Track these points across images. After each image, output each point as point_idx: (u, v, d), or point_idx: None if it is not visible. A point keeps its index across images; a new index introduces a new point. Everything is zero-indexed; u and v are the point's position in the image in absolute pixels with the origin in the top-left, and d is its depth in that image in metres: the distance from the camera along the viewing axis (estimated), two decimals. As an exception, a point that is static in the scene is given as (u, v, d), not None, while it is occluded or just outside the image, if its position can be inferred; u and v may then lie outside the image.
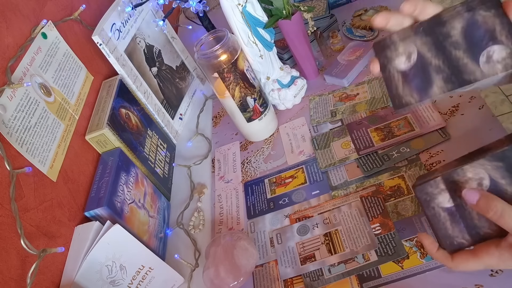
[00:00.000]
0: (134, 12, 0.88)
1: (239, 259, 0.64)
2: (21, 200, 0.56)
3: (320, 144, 0.78)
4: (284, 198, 0.74)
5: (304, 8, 0.83)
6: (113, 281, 0.61)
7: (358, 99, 0.83)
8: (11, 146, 0.57)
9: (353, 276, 0.59)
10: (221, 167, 0.86)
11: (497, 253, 0.40)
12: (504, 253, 0.39)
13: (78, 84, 0.77)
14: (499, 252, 0.40)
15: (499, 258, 0.40)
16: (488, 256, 0.41)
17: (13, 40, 0.64)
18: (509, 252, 0.39)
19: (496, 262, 0.40)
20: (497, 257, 0.40)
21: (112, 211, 0.63)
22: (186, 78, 1.03)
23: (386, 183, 0.67)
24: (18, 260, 0.53)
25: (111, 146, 0.75)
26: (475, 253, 0.42)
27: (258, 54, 0.82)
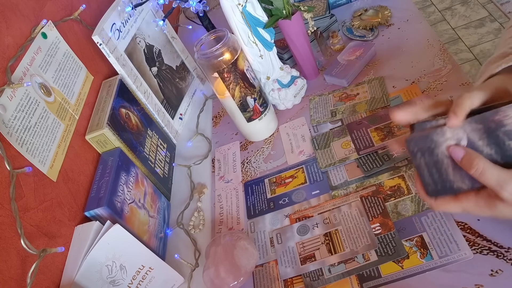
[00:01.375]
0: (134, 12, 0.88)
1: (239, 259, 0.64)
2: (21, 200, 0.56)
3: (320, 144, 0.78)
4: (284, 198, 0.74)
5: (304, 8, 0.83)
6: (113, 281, 0.61)
7: (358, 99, 0.83)
8: (11, 146, 0.57)
9: (353, 276, 0.59)
10: (221, 167, 0.86)
11: (474, 199, 0.43)
12: (480, 200, 0.43)
13: (78, 84, 0.77)
14: (476, 198, 0.43)
15: (475, 204, 0.43)
16: (467, 200, 0.44)
17: (13, 40, 0.64)
18: (485, 200, 0.42)
19: (472, 207, 0.44)
20: (474, 202, 0.43)
21: (112, 211, 0.63)
22: (186, 78, 1.03)
23: (386, 183, 0.67)
24: (18, 260, 0.53)
25: (111, 146, 0.75)
26: (456, 197, 0.45)
27: (258, 54, 0.82)
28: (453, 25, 2.30)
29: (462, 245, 0.55)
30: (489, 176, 0.41)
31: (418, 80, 0.80)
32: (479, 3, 2.36)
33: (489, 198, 0.42)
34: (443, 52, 0.83)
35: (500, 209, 0.41)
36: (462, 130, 0.43)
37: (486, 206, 0.42)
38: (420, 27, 0.92)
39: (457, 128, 0.43)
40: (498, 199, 0.41)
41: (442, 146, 0.44)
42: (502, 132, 0.41)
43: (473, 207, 0.44)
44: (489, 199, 0.42)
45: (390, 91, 0.81)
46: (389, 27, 0.95)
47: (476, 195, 0.43)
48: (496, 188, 0.40)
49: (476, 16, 2.29)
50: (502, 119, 0.41)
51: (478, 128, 0.43)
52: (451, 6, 2.42)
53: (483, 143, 0.43)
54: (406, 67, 0.84)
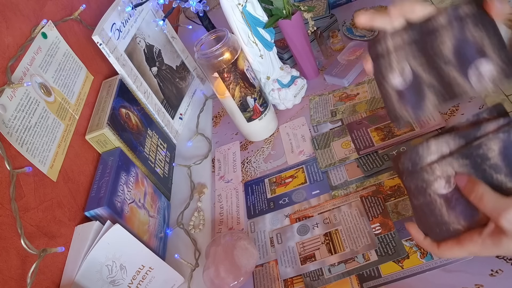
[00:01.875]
0: (134, 12, 0.88)
1: (239, 259, 0.64)
2: (21, 200, 0.56)
3: (320, 144, 0.78)
4: (284, 198, 0.74)
5: (304, 8, 0.84)
6: (113, 281, 0.61)
7: (358, 99, 0.83)
8: (11, 146, 0.57)
9: (353, 276, 0.59)
10: (221, 167, 0.86)
11: (480, 241, 0.41)
12: (486, 240, 0.41)
13: (78, 84, 0.77)
14: (481, 239, 0.41)
15: (482, 246, 0.41)
16: (472, 243, 0.42)
17: (13, 40, 0.64)
18: (491, 239, 0.40)
19: (479, 250, 0.42)
20: (480, 244, 0.41)
21: (112, 211, 0.63)
22: (186, 78, 1.03)
23: (386, 183, 0.67)
24: (18, 260, 0.53)
25: (111, 146, 0.75)
26: (460, 241, 0.43)
27: (258, 54, 0.82)
28: (453, 25, 2.30)
29: (462, 245, 0.55)
30: (487, 201, 0.40)
31: (418, 80, 0.80)
32: (479, 3, 2.36)
33: (493, 235, 0.40)
34: (443, 52, 0.83)
35: (506, 244, 0.39)
36: (451, 167, 0.42)
37: (493, 245, 0.40)
38: (420, 27, 0.91)
39: (446, 165, 0.43)
40: (502, 234, 0.39)
41: (434, 185, 0.43)
42: (488, 166, 0.41)
43: (479, 249, 0.42)
44: (493, 237, 0.40)
45: (390, 91, 0.81)
46: (389, 27, 0.95)
47: (479, 235, 0.41)
48: (493, 215, 0.39)
49: (476, 16, 2.29)
50: (486, 152, 0.41)
51: (465, 164, 0.42)
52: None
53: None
54: (406, 67, 0.84)
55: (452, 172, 0.42)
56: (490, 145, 0.41)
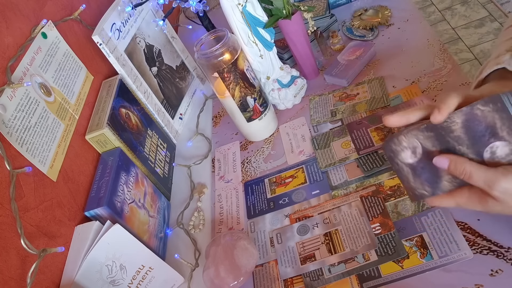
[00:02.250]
0: (134, 12, 0.88)
1: (239, 259, 0.64)
2: (21, 200, 0.56)
3: (320, 144, 0.78)
4: (284, 198, 0.74)
5: (304, 8, 0.83)
6: (113, 281, 0.61)
7: (358, 99, 0.83)
8: (11, 146, 0.57)
9: (353, 276, 0.59)
10: (221, 167, 0.86)
11: (467, 194, 0.45)
12: (473, 196, 0.44)
13: (78, 84, 0.77)
14: (469, 193, 0.44)
15: (468, 199, 0.45)
16: (460, 195, 0.45)
17: (13, 40, 0.64)
18: (477, 196, 0.44)
19: (465, 202, 0.45)
20: (467, 197, 0.45)
21: (112, 211, 0.63)
22: (186, 78, 1.03)
23: (386, 183, 0.67)
24: (18, 260, 0.53)
25: (111, 146, 0.75)
26: (450, 192, 0.46)
27: (258, 54, 0.82)
28: (453, 25, 2.30)
29: (462, 245, 0.55)
30: (477, 178, 0.42)
31: (418, 80, 0.80)
32: (479, 3, 2.36)
33: (482, 194, 0.43)
34: (443, 52, 0.83)
35: (492, 205, 0.43)
36: (415, 139, 0.45)
37: (479, 202, 0.44)
38: (420, 27, 0.92)
39: (411, 137, 0.45)
40: (489, 196, 0.42)
41: (400, 155, 0.46)
42: (451, 137, 0.43)
43: (466, 202, 0.45)
44: (481, 195, 0.43)
45: (390, 91, 0.81)
46: (389, 27, 0.95)
47: (469, 190, 0.44)
48: (486, 189, 0.42)
49: (476, 16, 2.29)
50: (450, 125, 0.43)
51: (430, 136, 0.45)
52: (451, 6, 2.42)
53: (436, 149, 0.45)
54: (406, 67, 0.84)
55: (417, 144, 0.45)
56: (453, 118, 0.42)
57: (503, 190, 0.40)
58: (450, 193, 0.46)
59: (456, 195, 0.45)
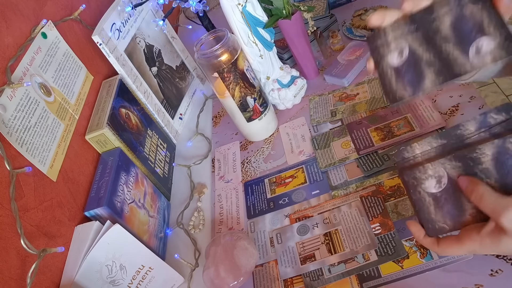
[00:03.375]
0: (134, 12, 0.88)
1: (239, 259, 0.64)
2: (21, 200, 0.56)
3: (320, 144, 0.78)
4: (284, 198, 0.74)
5: (304, 8, 0.83)
6: (113, 281, 0.61)
7: (358, 99, 0.83)
8: (11, 146, 0.57)
9: (353, 276, 0.59)
10: (221, 167, 0.86)
11: (478, 239, 0.42)
12: (485, 239, 0.41)
13: (78, 84, 0.77)
14: (480, 238, 0.42)
15: (480, 244, 0.42)
16: (471, 241, 0.43)
17: (13, 40, 0.64)
18: (490, 238, 0.41)
19: (478, 248, 0.42)
20: (479, 242, 0.42)
21: (112, 211, 0.63)
22: (186, 78, 1.03)
23: (386, 183, 0.67)
24: (18, 260, 0.53)
25: (111, 146, 0.75)
26: (459, 239, 0.44)
27: (258, 54, 0.82)
28: (453, 25, 2.29)
29: (462, 245, 0.55)
30: (487, 200, 0.40)
31: (418, 80, 0.80)
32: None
33: (493, 234, 0.41)
34: (443, 52, 0.83)
35: (505, 243, 0.40)
36: (443, 168, 0.44)
37: (492, 244, 0.41)
38: (420, 27, 0.91)
39: (438, 166, 0.44)
40: (502, 233, 0.39)
41: (424, 183, 0.45)
42: (479, 170, 0.42)
43: (478, 247, 0.42)
44: (492, 236, 0.41)
45: (390, 91, 0.81)
46: (389, 27, 0.95)
47: (478, 234, 0.42)
48: (494, 215, 0.40)
49: (476, 16, 2.29)
50: (479, 157, 0.42)
51: (457, 166, 0.44)
52: (451, 6, 2.42)
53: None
54: (406, 67, 0.84)
55: (443, 173, 0.44)
56: (484, 150, 0.42)
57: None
58: (459, 240, 0.44)
59: (467, 242, 0.43)
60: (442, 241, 0.45)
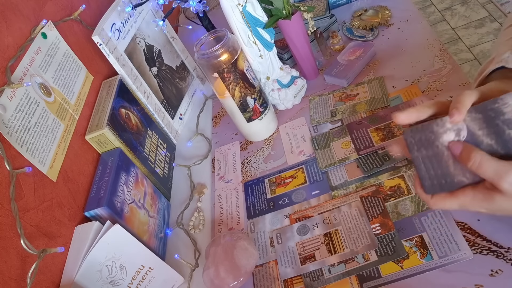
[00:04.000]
0: (134, 12, 0.88)
1: (239, 259, 0.64)
2: (21, 200, 0.56)
3: (320, 144, 0.78)
4: (284, 198, 0.74)
5: (304, 8, 0.83)
6: (113, 281, 0.61)
7: (358, 99, 0.83)
8: (11, 146, 0.57)
9: (353, 276, 0.59)
10: (221, 167, 0.86)
11: (471, 193, 0.43)
12: (478, 194, 0.42)
13: (78, 84, 0.77)
14: (473, 192, 0.42)
15: (472, 198, 0.42)
16: (463, 195, 0.43)
17: (13, 40, 0.64)
18: (483, 193, 0.42)
19: (469, 201, 0.43)
20: (471, 197, 0.42)
21: (112, 211, 0.63)
22: (186, 78, 1.03)
23: (386, 183, 0.67)
24: (18, 260, 0.53)
25: (111, 146, 0.75)
26: (452, 192, 0.44)
27: (258, 54, 0.82)
28: (453, 25, 2.30)
29: (462, 245, 0.55)
30: (487, 168, 0.40)
31: (418, 80, 0.80)
32: (479, 3, 2.36)
33: (487, 191, 0.41)
34: (443, 52, 0.83)
35: (499, 202, 0.41)
36: (462, 120, 0.42)
37: (484, 200, 0.42)
38: (420, 27, 0.92)
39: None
40: (496, 191, 0.40)
41: (443, 137, 0.43)
42: (501, 120, 0.41)
43: (470, 202, 0.43)
44: (487, 192, 0.41)
45: (390, 91, 0.81)
46: (389, 27, 0.95)
47: (473, 189, 0.42)
48: (495, 180, 0.40)
49: (476, 16, 2.29)
50: (501, 107, 0.40)
51: (477, 118, 0.42)
52: (451, 6, 2.42)
53: (483, 133, 0.42)
54: (406, 67, 0.84)
55: (462, 125, 0.42)
56: (507, 100, 0.40)
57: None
58: (452, 193, 0.44)
59: (460, 195, 0.43)
60: (435, 194, 0.46)
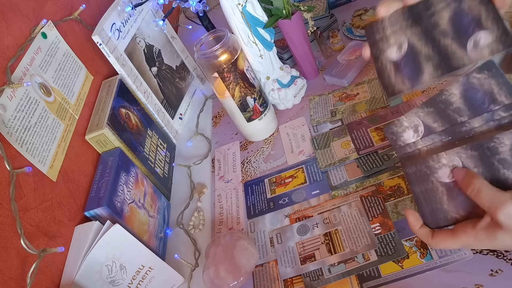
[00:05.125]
0: (134, 12, 0.88)
1: (239, 259, 0.64)
2: (21, 200, 0.56)
3: (320, 144, 0.78)
4: (284, 198, 0.74)
5: (304, 8, 0.83)
6: (113, 281, 0.61)
7: (358, 99, 0.83)
8: (11, 146, 0.57)
9: (353, 276, 0.59)
10: (221, 167, 0.86)
11: (473, 233, 0.41)
12: (480, 233, 0.41)
13: (78, 84, 0.77)
14: (475, 232, 0.41)
15: (475, 238, 0.41)
16: (465, 235, 0.42)
17: (13, 40, 0.64)
18: (485, 232, 0.40)
19: (472, 242, 0.42)
20: (473, 236, 0.41)
21: (112, 211, 0.63)
22: (186, 78, 1.03)
23: (386, 183, 0.67)
24: (18, 260, 0.53)
25: (111, 146, 0.75)
26: (453, 232, 0.43)
27: (258, 54, 0.82)
28: (453, 25, 2.30)
29: (462, 245, 0.55)
30: (484, 195, 0.40)
31: (418, 80, 0.80)
32: (479, 3, 2.36)
33: (488, 229, 0.40)
34: (443, 52, 0.83)
35: (501, 239, 0.39)
36: (458, 157, 0.43)
37: (487, 238, 0.40)
38: (420, 27, 0.91)
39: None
40: (497, 228, 0.39)
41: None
42: (497, 160, 0.41)
43: (473, 242, 0.42)
44: (488, 230, 0.40)
45: (390, 91, 0.81)
46: (389, 27, 0.95)
47: (473, 228, 0.41)
48: (491, 210, 0.39)
49: (476, 16, 2.29)
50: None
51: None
52: (451, 6, 2.42)
53: (478, 170, 0.42)
54: (406, 67, 0.84)
55: (458, 162, 0.43)
56: (503, 140, 0.41)
57: (509, 214, 0.38)
58: (453, 234, 0.43)
59: (461, 236, 0.42)
60: (436, 234, 0.45)
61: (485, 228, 0.40)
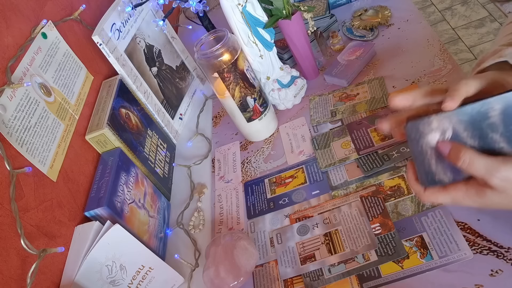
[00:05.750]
0: (134, 12, 0.88)
1: (239, 259, 0.64)
2: (21, 200, 0.56)
3: (320, 144, 0.78)
4: (284, 198, 0.74)
5: (304, 8, 0.83)
6: (113, 281, 0.61)
7: (358, 99, 0.83)
8: (11, 146, 0.57)
9: (353, 276, 0.59)
10: (221, 167, 0.86)
11: (464, 189, 0.43)
12: (470, 189, 0.42)
13: (78, 84, 0.77)
14: (466, 187, 0.43)
15: (465, 193, 0.43)
16: (456, 190, 0.43)
17: (13, 40, 0.64)
18: (475, 189, 0.42)
19: (461, 197, 0.43)
20: (464, 192, 0.43)
21: (112, 211, 0.63)
22: (186, 78, 1.03)
23: (386, 183, 0.67)
24: (18, 260, 0.53)
25: (111, 146, 0.75)
26: (445, 187, 0.44)
27: (258, 54, 0.82)
28: (453, 25, 2.30)
29: (462, 245, 0.55)
30: (477, 166, 0.40)
31: (418, 80, 0.80)
32: (479, 3, 2.36)
33: (479, 186, 0.42)
34: (443, 52, 0.83)
35: (490, 197, 0.41)
36: (448, 121, 0.42)
37: (476, 195, 0.42)
38: (420, 27, 0.92)
39: (444, 119, 0.43)
40: (488, 187, 0.41)
41: (427, 137, 0.44)
42: (486, 124, 0.41)
43: (462, 197, 0.43)
44: (479, 188, 0.42)
45: (390, 91, 0.81)
46: (389, 27, 0.95)
47: (465, 184, 0.43)
48: (486, 177, 0.40)
49: (476, 16, 2.29)
50: (487, 111, 0.41)
51: (463, 120, 0.42)
52: (451, 6, 2.42)
53: (467, 134, 0.42)
54: (406, 67, 0.84)
55: (448, 127, 0.43)
56: (493, 104, 0.40)
57: (504, 178, 0.39)
58: (445, 188, 0.44)
59: (452, 190, 0.44)
60: (428, 188, 0.46)
61: (476, 186, 0.42)
